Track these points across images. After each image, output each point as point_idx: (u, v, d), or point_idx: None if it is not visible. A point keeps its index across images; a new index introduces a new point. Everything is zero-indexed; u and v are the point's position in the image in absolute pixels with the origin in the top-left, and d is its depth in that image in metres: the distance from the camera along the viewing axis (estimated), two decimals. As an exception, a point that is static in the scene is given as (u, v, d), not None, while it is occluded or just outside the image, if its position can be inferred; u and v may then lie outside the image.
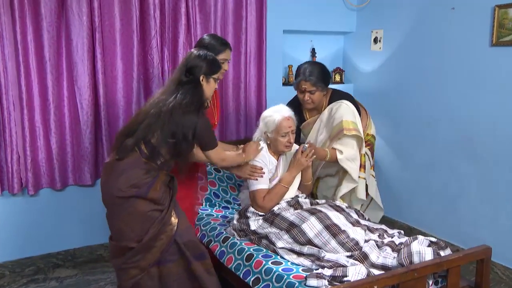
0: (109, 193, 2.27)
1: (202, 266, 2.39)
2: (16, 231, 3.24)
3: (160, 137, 2.24)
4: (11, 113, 3.02)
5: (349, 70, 4.45)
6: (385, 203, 4.17)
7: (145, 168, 2.25)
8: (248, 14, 3.76)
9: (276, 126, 2.65)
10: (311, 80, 2.89)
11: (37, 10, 3.02)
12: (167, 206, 2.33)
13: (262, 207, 2.62)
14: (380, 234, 2.51)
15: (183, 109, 2.26)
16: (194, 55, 2.43)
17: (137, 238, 2.24)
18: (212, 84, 2.45)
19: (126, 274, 2.28)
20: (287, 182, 2.66)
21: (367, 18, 4.22)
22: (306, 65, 2.97)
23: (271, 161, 2.75)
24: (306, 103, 2.98)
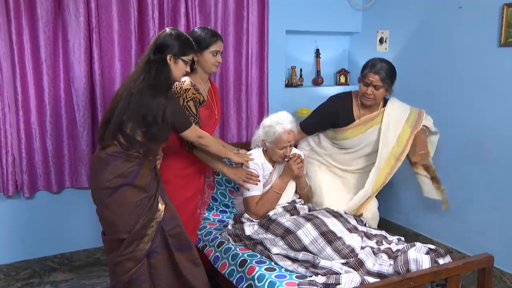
0: (97, 186, 2.29)
1: (186, 257, 2.39)
2: (12, 234, 3.25)
3: (132, 124, 2.23)
4: (6, 114, 3.03)
5: (354, 72, 4.39)
6: (390, 208, 4.14)
7: (128, 159, 2.26)
8: (249, 14, 3.73)
9: (276, 139, 2.64)
10: (381, 74, 2.83)
11: (33, 10, 3.02)
12: (155, 193, 2.34)
13: (255, 213, 2.62)
14: (378, 240, 2.47)
15: (151, 91, 2.22)
16: (166, 33, 2.37)
17: (129, 229, 2.25)
18: (180, 66, 2.36)
19: (122, 268, 2.28)
20: (279, 188, 2.65)
21: (372, 18, 4.17)
22: (377, 60, 2.91)
23: (266, 167, 2.74)
24: (367, 97, 2.87)
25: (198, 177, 2.81)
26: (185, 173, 2.72)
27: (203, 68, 2.70)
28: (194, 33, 2.67)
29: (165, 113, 2.23)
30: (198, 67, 2.70)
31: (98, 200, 2.32)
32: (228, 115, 3.82)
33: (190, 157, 2.70)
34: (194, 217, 2.82)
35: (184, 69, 2.40)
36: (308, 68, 4.29)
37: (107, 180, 2.24)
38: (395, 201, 4.09)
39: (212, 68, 2.71)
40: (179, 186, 2.70)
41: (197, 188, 2.81)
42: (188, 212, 2.74)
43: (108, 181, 2.24)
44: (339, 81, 4.36)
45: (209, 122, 2.74)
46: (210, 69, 2.71)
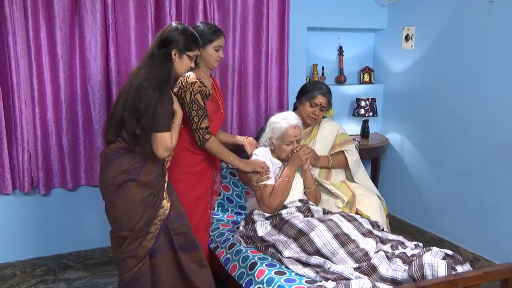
0: (102, 183, 2.33)
1: (191, 258, 2.39)
2: (28, 231, 3.32)
3: (130, 117, 2.22)
4: (23, 111, 3.09)
5: (379, 70, 4.31)
6: (414, 211, 4.04)
7: (132, 155, 2.28)
8: (269, 10, 3.70)
9: (282, 134, 2.68)
10: (329, 98, 3.06)
11: (50, 7, 3.08)
12: (160, 190, 2.34)
13: (269, 206, 2.62)
14: (393, 245, 2.39)
15: (148, 82, 2.21)
16: (172, 27, 2.37)
17: (132, 226, 2.27)
18: (185, 61, 2.36)
19: (124, 265, 2.31)
20: (288, 176, 2.67)
21: (398, 14, 4.08)
22: (319, 82, 3.16)
23: (274, 162, 2.76)
24: (312, 118, 3.06)
25: (208, 174, 2.81)
26: (196, 170, 2.73)
27: (206, 63, 2.74)
28: (196, 28, 2.71)
29: (156, 107, 2.20)
30: (201, 62, 2.73)
31: (104, 196, 2.36)
32: (247, 114, 3.80)
33: (200, 154, 2.71)
34: (205, 216, 2.82)
35: (189, 65, 2.40)
36: (331, 66, 4.23)
37: (111, 176, 2.27)
38: (420, 205, 3.98)
39: (214, 64, 2.75)
40: (190, 183, 2.71)
41: (208, 185, 2.81)
42: (199, 210, 2.75)
43: (112, 177, 2.27)
44: (363, 79, 4.28)
45: (215, 116, 2.76)
46: (213, 64, 2.74)
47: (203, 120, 2.56)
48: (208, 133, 2.57)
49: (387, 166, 4.33)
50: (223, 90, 3.66)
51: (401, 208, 4.21)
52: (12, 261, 3.31)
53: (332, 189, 2.96)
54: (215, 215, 3.16)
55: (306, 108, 3.06)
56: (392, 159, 4.26)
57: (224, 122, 3.70)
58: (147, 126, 2.21)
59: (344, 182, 3.06)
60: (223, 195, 3.30)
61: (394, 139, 4.20)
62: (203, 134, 2.56)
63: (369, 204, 2.96)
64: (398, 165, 4.19)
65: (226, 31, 3.59)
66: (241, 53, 3.69)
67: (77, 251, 3.48)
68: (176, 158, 2.65)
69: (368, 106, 4.01)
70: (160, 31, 2.39)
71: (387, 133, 4.29)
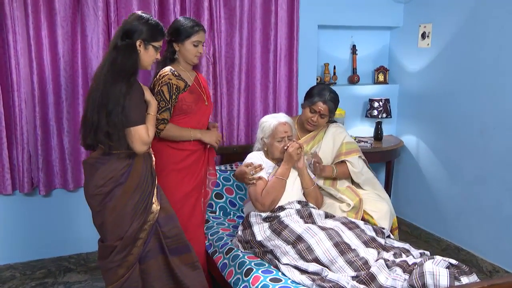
0: (88, 193, 2.27)
1: (182, 260, 2.35)
2: (28, 232, 3.34)
3: (102, 116, 2.16)
4: (23, 110, 3.11)
5: (394, 69, 4.21)
6: (429, 217, 3.93)
7: (117, 160, 2.23)
8: (278, 8, 3.66)
9: (272, 131, 2.72)
10: (329, 105, 2.98)
11: (51, 5, 3.09)
12: (149, 192, 2.30)
13: (261, 202, 2.60)
14: (396, 253, 2.31)
15: (113, 76, 2.15)
16: (135, 16, 2.30)
17: (122, 235, 2.23)
18: (151, 52, 2.29)
19: (113, 274, 2.27)
20: (281, 174, 2.65)
21: (414, 11, 3.98)
22: (325, 87, 3.05)
23: (268, 164, 2.75)
24: (312, 124, 3.02)
25: (198, 171, 2.81)
26: (181, 167, 2.74)
27: (185, 59, 2.75)
28: (176, 22, 2.75)
29: (125, 101, 2.14)
30: (180, 57, 2.75)
31: (91, 206, 2.30)
32: (255, 114, 3.76)
33: (183, 150, 2.73)
34: (197, 211, 2.82)
35: (155, 56, 2.34)
36: (343, 65, 4.16)
37: (98, 186, 2.21)
38: (435, 211, 3.87)
39: (193, 59, 2.75)
40: (177, 180, 2.72)
41: (197, 182, 2.80)
42: (188, 208, 2.75)
43: (99, 186, 2.21)
44: (377, 79, 4.19)
45: (197, 108, 2.76)
46: (192, 59, 2.75)
47: (162, 112, 2.61)
48: (163, 124, 2.62)
49: (401, 169, 4.22)
50: (229, 90, 3.64)
51: (415, 214, 4.10)
52: (12, 263, 3.34)
53: (337, 194, 2.89)
54: (216, 219, 3.12)
55: (306, 113, 3.03)
56: (406, 163, 4.15)
57: (230, 123, 3.68)
58: (117, 122, 2.15)
59: (350, 187, 2.98)
60: (226, 198, 3.26)
61: (409, 141, 4.10)
62: (158, 124, 2.60)
63: (377, 208, 2.88)
64: (413, 169, 4.08)
65: (233, 29, 3.57)
66: (248, 52, 3.66)
67: (78, 254, 3.49)
68: (160, 155, 2.67)
69: (381, 107, 3.92)
70: (123, 21, 2.33)
71: (402, 135, 4.19)
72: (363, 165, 3.02)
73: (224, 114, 3.66)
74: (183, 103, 2.69)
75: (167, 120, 2.65)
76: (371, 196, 2.96)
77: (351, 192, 2.92)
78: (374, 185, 3.04)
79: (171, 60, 2.77)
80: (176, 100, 2.67)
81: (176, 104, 2.68)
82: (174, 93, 2.64)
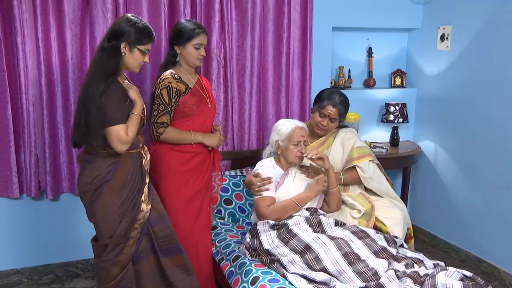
0: (79, 190, 2.35)
1: (174, 261, 2.39)
2: (35, 237, 3.35)
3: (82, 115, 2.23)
4: (30, 113, 3.12)
5: (411, 73, 4.13)
6: (448, 226, 3.82)
7: (102, 159, 2.29)
8: (291, 9, 3.62)
9: (289, 134, 2.72)
10: (339, 109, 2.96)
11: (60, 7, 3.10)
12: (137, 191, 2.33)
13: (265, 216, 2.59)
14: (408, 263, 2.24)
15: (93, 78, 2.22)
16: (123, 18, 2.35)
17: (112, 232, 2.29)
18: (136, 55, 2.33)
19: (107, 274, 2.31)
20: (300, 201, 2.62)
21: (433, 12, 3.90)
22: (335, 91, 3.03)
23: (277, 171, 2.74)
24: (322, 128, 3.00)
25: (202, 174, 2.82)
26: (186, 169, 2.75)
27: (186, 62, 2.78)
28: (178, 25, 2.78)
29: (101, 100, 2.19)
30: (181, 60, 2.79)
31: (83, 204, 2.37)
32: (267, 118, 3.73)
33: (187, 152, 2.75)
34: (203, 214, 2.82)
35: (141, 59, 2.37)
36: (359, 68, 4.09)
37: (86, 183, 2.29)
38: (455, 220, 3.77)
39: (195, 62, 2.78)
40: (182, 183, 2.74)
41: (202, 184, 2.81)
42: (193, 211, 2.76)
43: (87, 184, 2.28)
44: (394, 83, 4.12)
45: (199, 109, 2.78)
46: (193, 62, 2.77)
47: (162, 115, 2.66)
48: (162, 127, 2.66)
49: (418, 176, 4.13)
50: (240, 93, 3.61)
51: (433, 222, 4.00)
52: (19, 267, 3.35)
53: (348, 200, 2.83)
54: (225, 225, 3.08)
55: (315, 118, 3.01)
56: (424, 169, 4.06)
57: (241, 128, 3.65)
58: (94, 122, 2.21)
59: (362, 194, 2.91)
60: (235, 204, 3.22)
61: (427, 147, 4.01)
62: (157, 128, 2.66)
63: (390, 215, 2.81)
64: (431, 176, 3.99)
65: (244, 31, 3.55)
66: (260, 55, 3.63)
67: (86, 259, 3.48)
68: (164, 158, 2.72)
69: (397, 112, 3.84)
70: (112, 23, 2.38)
71: (419, 141, 4.10)
72: (374, 170, 2.95)
73: (235, 118, 3.63)
74: (185, 106, 2.70)
75: (166, 123, 2.67)
76: (384, 202, 2.90)
77: (362, 199, 2.86)
78: (388, 192, 2.97)
79: (173, 63, 2.78)
80: (177, 104, 2.69)
81: (177, 107, 2.70)
82: (174, 96, 2.67)
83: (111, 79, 2.25)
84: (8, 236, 3.29)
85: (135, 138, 2.36)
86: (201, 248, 2.79)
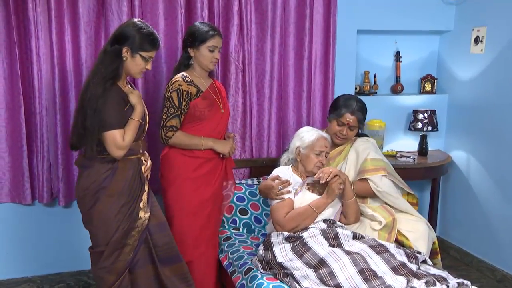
0: (77, 195, 2.37)
1: (173, 271, 2.38)
2: (47, 244, 3.36)
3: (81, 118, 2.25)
4: (43, 118, 3.14)
5: (443, 78, 4.00)
6: (482, 243, 3.65)
7: (100, 164, 2.29)
8: (313, 11, 3.55)
9: (312, 142, 2.70)
10: (358, 116, 2.90)
11: (75, 9, 3.12)
12: (136, 198, 2.33)
13: (282, 225, 2.54)
14: (429, 281, 2.13)
15: (92, 82, 2.22)
16: (129, 23, 2.35)
17: (108, 239, 2.29)
18: (138, 61, 2.31)
19: (103, 282, 2.32)
20: (317, 206, 2.56)
21: (467, 13, 3.76)
22: (352, 97, 2.99)
23: (294, 179, 2.69)
24: (341, 137, 2.94)
25: (212, 180, 2.79)
26: (196, 175, 2.73)
27: (200, 65, 2.76)
28: (191, 27, 2.78)
29: (98, 104, 2.19)
30: (195, 63, 2.77)
31: (80, 209, 2.38)
32: (287, 125, 3.66)
33: (198, 157, 2.72)
34: (211, 224, 2.80)
35: (143, 66, 2.36)
36: (386, 73, 3.99)
37: (84, 188, 2.30)
38: (489, 235, 3.60)
39: (209, 65, 2.75)
40: (189, 190, 2.71)
41: (212, 192, 2.78)
42: (201, 219, 2.74)
43: (84, 189, 2.29)
44: (424, 89, 3.99)
45: (210, 114, 2.75)
46: (207, 65, 2.75)
47: (171, 119, 2.64)
48: (171, 131, 2.64)
49: (449, 188, 3.98)
50: (259, 99, 3.56)
51: (466, 238, 3.84)
52: (30, 276, 3.36)
53: (368, 211, 2.73)
54: (240, 236, 3.01)
55: (333, 127, 2.95)
56: (456, 181, 3.91)
57: (260, 135, 3.58)
58: (90, 126, 2.21)
59: (383, 206, 2.80)
60: (251, 214, 3.16)
61: (459, 157, 3.85)
62: (166, 132, 2.65)
63: (414, 228, 2.70)
64: (463, 188, 3.83)
65: (264, 34, 3.50)
66: (281, 59, 3.57)
67: (98, 269, 3.46)
68: (174, 163, 2.71)
69: (426, 119, 3.71)
70: (118, 26, 2.40)
71: (451, 150, 3.95)
72: (389, 186, 2.83)
73: (254, 124, 3.57)
74: (196, 109, 2.67)
75: (176, 127, 2.64)
76: (407, 215, 2.78)
77: (383, 210, 2.75)
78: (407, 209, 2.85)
79: (186, 66, 2.76)
80: (188, 107, 2.67)
81: (188, 111, 2.68)
82: (184, 99, 2.64)
83: (109, 83, 2.25)
84: (20, 243, 3.31)
85: (135, 144, 2.37)
86: (206, 259, 2.74)
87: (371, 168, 2.82)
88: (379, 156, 2.92)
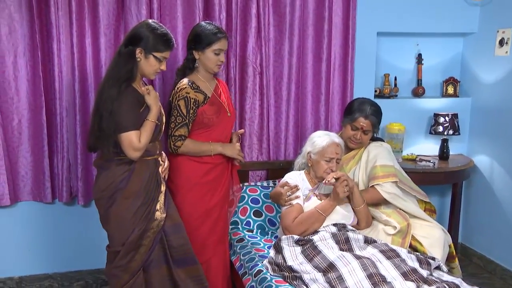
0: (94, 196, 2.41)
1: (187, 273, 2.38)
2: (67, 242, 3.44)
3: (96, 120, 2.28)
4: (64, 119, 3.22)
5: (466, 81, 3.92)
6: (506, 251, 3.55)
7: (117, 166, 2.32)
8: (332, 13, 3.54)
9: (323, 148, 2.68)
10: (372, 120, 2.87)
11: (95, 13, 3.19)
12: (152, 199, 2.34)
13: (290, 230, 2.55)
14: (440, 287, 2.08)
15: (107, 83, 2.25)
16: (143, 23, 2.37)
17: (124, 240, 2.32)
18: (152, 62, 2.33)
19: (117, 280, 2.35)
20: (323, 210, 2.56)
21: (492, 14, 3.67)
22: (365, 101, 2.97)
23: (305, 185, 2.70)
24: (355, 141, 2.91)
25: (220, 185, 2.78)
26: (205, 180, 2.72)
27: (205, 67, 2.73)
28: (197, 28, 2.74)
29: (113, 106, 2.21)
30: (199, 65, 2.74)
31: (98, 210, 2.42)
32: (305, 128, 3.65)
33: (207, 163, 2.72)
34: (218, 228, 2.80)
35: (157, 67, 2.37)
36: (407, 76, 3.93)
37: (101, 190, 2.33)
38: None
39: (214, 68, 2.72)
40: (198, 196, 2.70)
41: (219, 197, 2.78)
42: (208, 224, 2.74)
43: (102, 191, 2.32)
44: (446, 92, 3.92)
45: (218, 120, 2.74)
46: (212, 69, 2.72)
47: (179, 128, 2.62)
48: (180, 141, 2.62)
49: (472, 193, 3.90)
50: (277, 101, 3.56)
51: (489, 245, 3.74)
52: (51, 272, 3.44)
53: (382, 216, 2.69)
54: (253, 238, 3.02)
55: (347, 131, 2.92)
56: (479, 186, 3.82)
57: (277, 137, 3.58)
58: (106, 127, 2.24)
59: (398, 211, 2.76)
60: (265, 216, 3.16)
61: (482, 162, 3.76)
62: (175, 141, 2.62)
63: (428, 234, 2.65)
64: (486, 193, 3.74)
65: (282, 37, 3.50)
66: (299, 61, 3.57)
67: (116, 267, 3.52)
68: (183, 169, 2.70)
69: (447, 123, 3.64)
70: (131, 28, 2.42)
71: (473, 155, 3.86)
72: (399, 191, 2.79)
73: (271, 127, 3.58)
74: (204, 117, 2.67)
75: (184, 136, 2.63)
76: (422, 221, 2.73)
77: (398, 215, 2.71)
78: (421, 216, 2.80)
79: (190, 69, 2.75)
80: (195, 115, 2.65)
81: (196, 118, 2.66)
82: (192, 107, 2.63)
83: (124, 85, 2.28)
84: (41, 240, 3.40)
85: (151, 145, 2.38)
86: (214, 264, 2.74)
87: (381, 174, 2.78)
88: (390, 162, 2.86)
